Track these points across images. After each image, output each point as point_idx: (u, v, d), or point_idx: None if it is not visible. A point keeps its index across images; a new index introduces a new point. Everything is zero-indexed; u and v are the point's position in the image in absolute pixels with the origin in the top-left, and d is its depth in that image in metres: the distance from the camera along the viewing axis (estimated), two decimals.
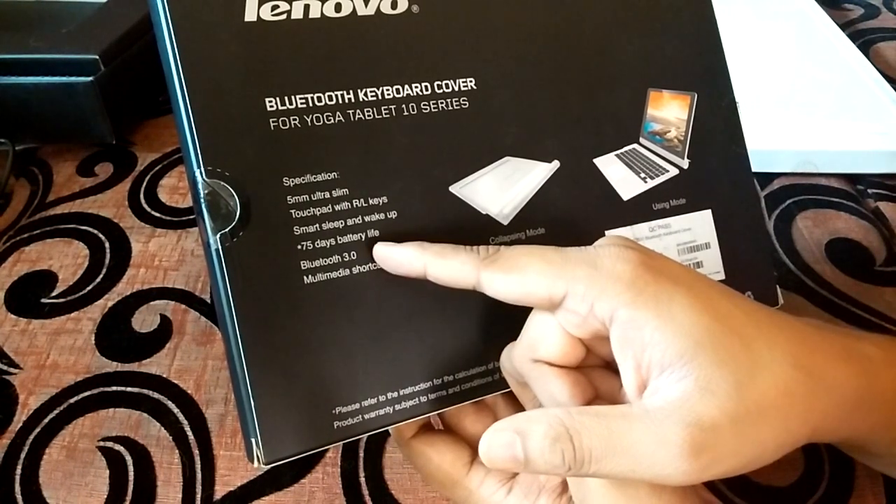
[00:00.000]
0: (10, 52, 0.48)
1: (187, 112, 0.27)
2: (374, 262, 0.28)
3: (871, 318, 0.40)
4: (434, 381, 0.29)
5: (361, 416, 0.27)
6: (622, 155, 0.33)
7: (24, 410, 0.37)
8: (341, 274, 0.28)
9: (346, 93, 0.29)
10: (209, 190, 0.26)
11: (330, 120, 0.29)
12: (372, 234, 0.28)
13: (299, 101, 0.28)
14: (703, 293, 0.24)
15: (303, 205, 0.28)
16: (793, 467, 0.34)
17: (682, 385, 0.22)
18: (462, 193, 0.30)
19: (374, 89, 0.29)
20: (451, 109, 0.31)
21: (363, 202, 0.28)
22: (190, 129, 0.27)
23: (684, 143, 0.34)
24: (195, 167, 0.26)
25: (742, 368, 0.23)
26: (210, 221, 0.26)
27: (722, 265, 0.34)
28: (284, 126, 0.28)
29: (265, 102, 0.28)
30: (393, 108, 0.30)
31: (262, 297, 0.27)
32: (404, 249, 0.27)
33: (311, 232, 0.27)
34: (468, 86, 0.31)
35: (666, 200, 0.33)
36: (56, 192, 0.50)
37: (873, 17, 0.68)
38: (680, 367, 0.23)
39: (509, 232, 0.31)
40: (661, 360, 0.23)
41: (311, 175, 0.28)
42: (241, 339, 0.26)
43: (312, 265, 0.27)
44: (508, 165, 0.31)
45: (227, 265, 0.26)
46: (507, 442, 0.24)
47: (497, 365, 0.29)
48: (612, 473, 0.23)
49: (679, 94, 0.35)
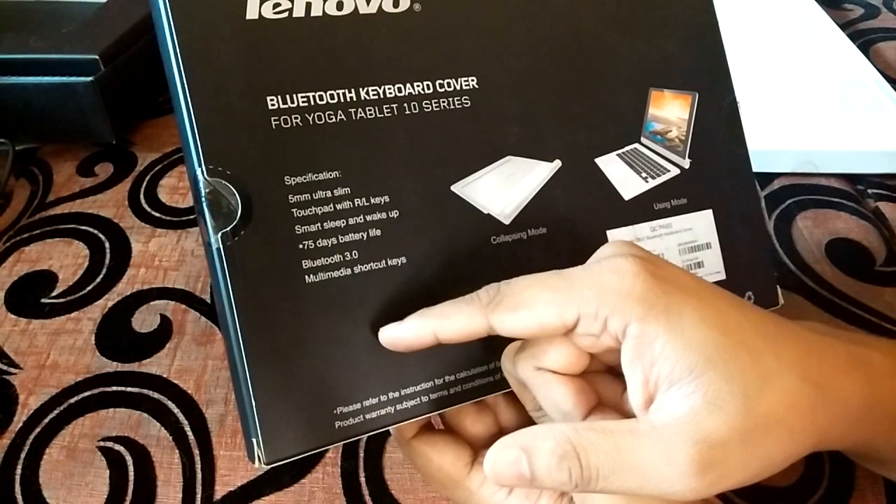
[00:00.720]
0: (10, 52, 0.48)
1: (188, 110, 0.26)
2: (375, 261, 0.28)
3: (871, 318, 0.40)
4: (435, 380, 0.29)
5: (363, 416, 0.27)
6: (623, 154, 0.33)
7: (24, 410, 0.37)
8: (343, 273, 0.28)
9: (348, 91, 0.29)
10: (210, 189, 0.26)
11: (332, 119, 0.28)
12: (374, 233, 0.28)
13: (301, 100, 0.28)
14: (712, 305, 0.24)
15: (304, 204, 0.27)
16: (793, 468, 0.34)
17: (691, 401, 0.22)
18: (464, 193, 0.30)
19: (376, 88, 0.29)
20: (452, 108, 0.30)
21: (365, 201, 0.28)
22: (191, 127, 0.26)
23: (685, 143, 0.34)
24: (196, 166, 0.26)
25: (750, 383, 0.23)
26: (211, 220, 0.26)
27: (723, 265, 0.34)
28: (286, 125, 0.28)
29: (267, 101, 0.27)
30: (395, 107, 0.29)
31: (264, 297, 0.26)
32: (408, 326, 0.27)
33: (313, 231, 0.27)
34: (470, 85, 0.31)
35: (667, 200, 0.33)
36: (56, 192, 0.50)
37: (873, 17, 0.68)
38: (689, 383, 0.23)
39: (511, 231, 0.31)
40: (670, 375, 0.23)
41: (313, 174, 0.28)
42: (242, 339, 0.26)
43: (314, 264, 0.27)
44: (510, 165, 0.31)
45: (229, 264, 0.26)
46: (513, 459, 0.24)
47: (498, 364, 0.29)
48: (620, 490, 0.23)
49: (680, 94, 0.35)
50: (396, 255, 0.29)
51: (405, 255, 0.29)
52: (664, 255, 0.33)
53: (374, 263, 0.28)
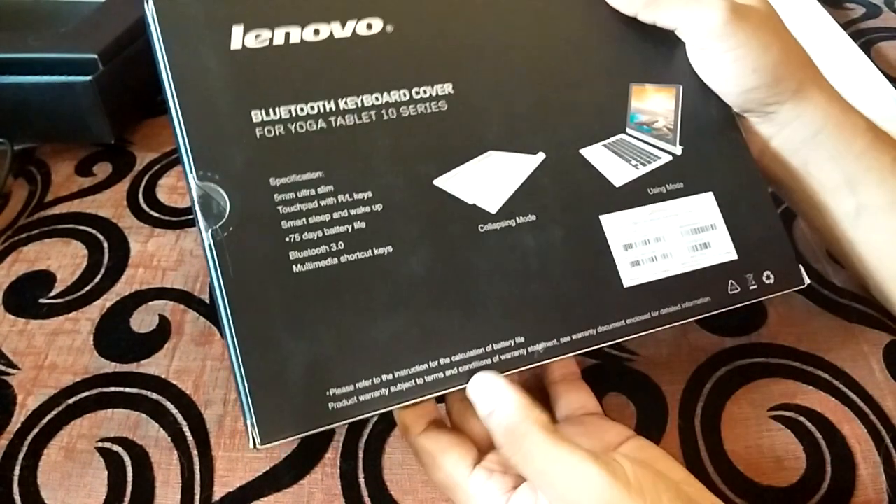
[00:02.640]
0: (8, 51, 0.48)
1: (180, 125, 0.30)
2: (361, 250, 0.30)
3: (873, 314, 0.40)
4: (430, 363, 0.29)
5: (356, 398, 0.28)
6: (610, 145, 0.34)
7: (22, 411, 0.37)
8: (330, 263, 0.29)
9: (328, 102, 0.31)
10: (202, 192, 0.29)
11: (313, 126, 0.31)
12: (359, 225, 0.30)
13: (283, 112, 0.31)
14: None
15: (290, 201, 0.30)
16: (793, 467, 0.34)
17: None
18: (447, 186, 0.31)
19: (355, 98, 0.32)
20: (430, 112, 0.32)
21: (348, 197, 0.30)
22: (183, 139, 0.29)
23: (675, 131, 0.35)
24: (188, 172, 0.29)
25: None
26: (203, 220, 0.29)
27: (733, 245, 0.34)
28: (270, 134, 0.30)
29: (251, 115, 0.30)
30: (373, 114, 0.32)
31: (252, 286, 0.28)
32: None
33: (299, 225, 0.29)
34: (446, 91, 0.33)
35: (662, 185, 0.34)
36: (54, 192, 0.50)
37: (875, 17, 0.67)
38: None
39: (499, 219, 0.32)
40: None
41: (297, 175, 0.30)
42: (232, 325, 0.28)
43: (301, 255, 0.29)
44: (492, 158, 0.32)
45: (218, 257, 0.28)
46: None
47: (496, 347, 0.30)
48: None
49: (663, 87, 0.36)
50: (382, 245, 0.30)
51: (391, 244, 0.30)
52: (665, 238, 0.33)
53: (361, 253, 0.30)
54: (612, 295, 0.32)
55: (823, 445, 0.35)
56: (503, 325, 0.30)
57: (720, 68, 0.35)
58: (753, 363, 0.38)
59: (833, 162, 0.35)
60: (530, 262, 0.31)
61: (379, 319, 0.29)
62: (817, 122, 0.35)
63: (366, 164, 0.31)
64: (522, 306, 0.31)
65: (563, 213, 0.32)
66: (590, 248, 0.32)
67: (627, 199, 0.33)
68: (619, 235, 0.33)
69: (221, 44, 0.31)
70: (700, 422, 0.36)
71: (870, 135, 0.35)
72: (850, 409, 0.36)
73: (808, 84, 0.35)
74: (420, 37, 0.33)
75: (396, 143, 0.31)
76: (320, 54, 0.32)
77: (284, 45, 0.31)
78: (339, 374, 0.28)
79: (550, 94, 0.34)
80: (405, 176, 0.31)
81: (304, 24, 0.32)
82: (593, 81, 0.35)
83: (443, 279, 0.30)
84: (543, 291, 0.31)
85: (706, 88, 0.36)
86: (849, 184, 0.35)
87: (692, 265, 0.33)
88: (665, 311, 0.32)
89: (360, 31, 0.32)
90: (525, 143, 0.33)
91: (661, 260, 0.33)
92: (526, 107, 0.33)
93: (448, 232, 0.31)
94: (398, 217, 0.30)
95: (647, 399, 0.37)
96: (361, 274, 0.29)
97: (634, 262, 0.32)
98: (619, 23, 0.36)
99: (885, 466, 0.34)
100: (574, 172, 0.33)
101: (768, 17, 0.35)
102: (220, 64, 0.31)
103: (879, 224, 0.35)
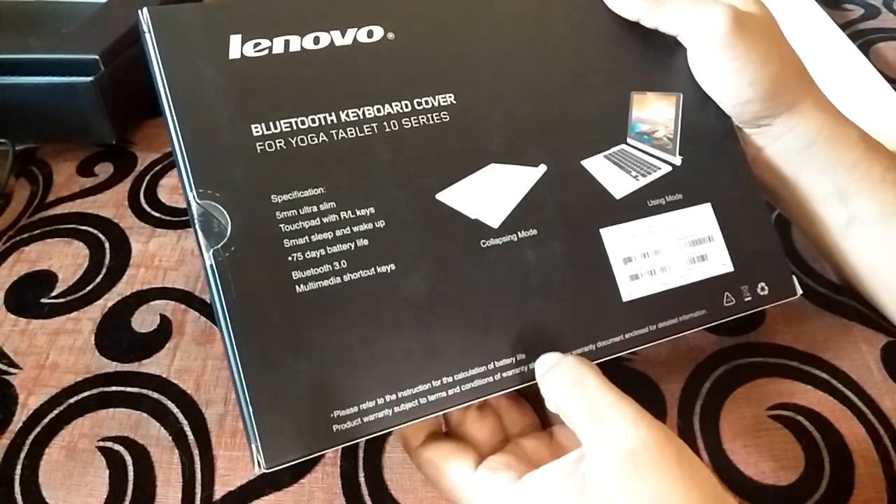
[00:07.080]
0: (9, 52, 0.48)
1: (179, 140, 0.29)
2: (364, 269, 0.29)
3: (871, 314, 0.40)
4: (433, 382, 0.29)
5: (360, 420, 0.28)
6: (611, 156, 0.34)
7: (23, 410, 0.37)
8: (333, 282, 0.29)
9: (329, 115, 0.30)
10: (202, 211, 0.28)
11: (314, 140, 0.30)
12: (361, 242, 0.29)
13: (283, 126, 0.30)
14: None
15: (291, 219, 0.29)
16: (792, 467, 0.34)
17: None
18: (449, 201, 0.31)
19: (356, 110, 0.31)
20: (432, 123, 0.32)
21: (350, 213, 0.29)
22: (182, 155, 0.28)
23: (675, 141, 0.35)
24: (188, 189, 0.28)
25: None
26: (203, 239, 0.28)
27: (729, 257, 0.34)
28: (270, 148, 0.29)
29: (251, 129, 0.29)
30: (374, 126, 0.31)
31: (255, 307, 0.28)
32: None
33: (301, 244, 0.29)
34: (448, 101, 0.32)
35: (661, 196, 0.34)
36: (56, 192, 0.50)
37: (873, 18, 0.68)
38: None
39: (500, 234, 0.31)
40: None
41: (298, 191, 0.29)
42: (235, 348, 0.27)
43: (304, 275, 0.28)
44: (494, 171, 0.32)
45: (221, 278, 0.27)
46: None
47: (497, 364, 0.29)
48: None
49: (664, 95, 0.35)
50: (385, 263, 0.29)
51: (394, 262, 0.29)
52: (663, 250, 0.33)
53: (364, 271, 0.29)
54: (612, 310, 0.32)
55: (822, 445, 0.35)
56: (505, 343, 0.30)
57: (718, 78, 0.35)
58: (752, 362, 0.38)
59: (824, 173, 0.35)
60: (531, 278, 0.31)
61: (382, 339, 0.29)
62: (810, 134, 0.35)
63: (368, 179, 0.30)
64: (523, 323, 0.30)
65: (564, 227, 0.32)
66: (590, 263, 0.32)
67: (627, 211, 0.33)
68: (618, 249, 0.32)
69: (219, 53, 0.30)
70: (699, 421, 0.36)
71: (862, 145, 0.35)
72: (848, 409, 0.36)
73: (802, 97, 0.35)
74: (421, 45, 0.33)
75: (398, 156, 0.31)
76: (321, 63, 0.31)
77: (284, 53, 0.31)
78: (343, 395, 0.28)
79: (552, 102, 0.34)
80: (407, 190, 0.30)
81: (303, 32, 0.31)
82: (595, 89, 0.35)
83: (445, 297, 0.29)
84: (544, 308, 0.31)
85: (706, 97, 0.36)
86: (840, 194, 0.35)
87: (689, 278, 0.33)
88: (662, 325, 0.32)
89: (360, 39, 0.32)
90: (527, 154, 0.32)
91: (660, 273, 0.33)
92: (527, 116, 0.33)
93: (450, 248, 0.30)
94: (401, 233, 0.30)
95: (646, 398, 0.37)
96: (364, 293, 0.29)
97: (633, 275, 0.32)
98: (620, 29, 0.36)
99: (883, 465, 0.34)
100: (575, 185, 0.33)
101: (768, 26, 0.35)
102: (219, 74, 0.30)
103: (871, 234, 0.35)
